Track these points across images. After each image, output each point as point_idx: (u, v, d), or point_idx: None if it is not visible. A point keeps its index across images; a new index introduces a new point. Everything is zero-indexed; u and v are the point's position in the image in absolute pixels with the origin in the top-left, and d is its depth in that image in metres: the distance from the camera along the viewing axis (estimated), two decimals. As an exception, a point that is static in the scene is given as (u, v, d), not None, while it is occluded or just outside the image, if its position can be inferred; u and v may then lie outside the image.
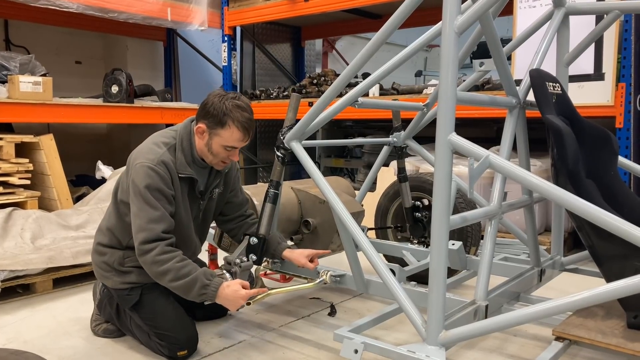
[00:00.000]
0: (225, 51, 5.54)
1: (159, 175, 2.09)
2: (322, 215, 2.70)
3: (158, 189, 2.08)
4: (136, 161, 2.13)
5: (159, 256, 2.03)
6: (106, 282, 2.30)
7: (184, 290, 2.06)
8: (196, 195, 2.29)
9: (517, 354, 2.28)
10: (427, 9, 3.14)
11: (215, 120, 2.13)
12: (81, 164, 5.18)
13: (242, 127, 2.14)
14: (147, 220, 2.06)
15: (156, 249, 2.04)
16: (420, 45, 2.07)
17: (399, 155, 3.04)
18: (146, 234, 2.04)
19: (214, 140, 2.17)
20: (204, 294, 2.05)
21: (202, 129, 2.17)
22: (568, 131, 1.91)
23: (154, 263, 2.04)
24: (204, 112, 2.17)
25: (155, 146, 2.17)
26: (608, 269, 1.89)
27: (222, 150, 2.19)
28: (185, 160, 2.19)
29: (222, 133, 2.15)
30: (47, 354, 2.21)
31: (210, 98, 2.16)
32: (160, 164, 2.11)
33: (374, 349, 1.83)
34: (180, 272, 2.03)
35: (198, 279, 2.04)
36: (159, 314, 2.23)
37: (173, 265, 2.03)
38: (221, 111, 2.12)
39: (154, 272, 2.06)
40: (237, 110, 2.13)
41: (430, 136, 2.30)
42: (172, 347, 2.17)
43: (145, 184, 2.07)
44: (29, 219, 3.44)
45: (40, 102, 4.16)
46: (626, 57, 3.30)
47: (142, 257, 2.06)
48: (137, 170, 2.10)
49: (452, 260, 2.44)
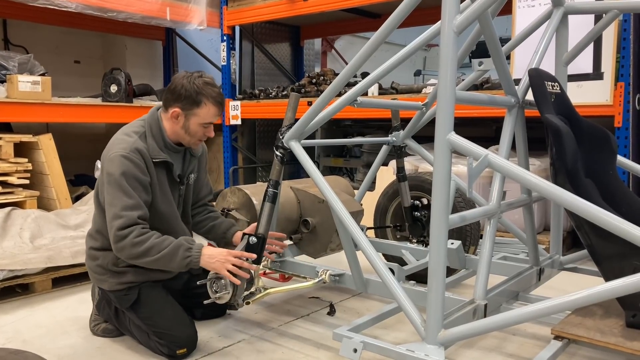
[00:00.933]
0: (224, 51, 5.54)
1: (133, 163, 2.11)
2: (321, 215, 2.70)
3: (133, 176, 2.10)
4: (109, 152, 2.15)
5: (136, 238, 2.04)
6: (103, 285, 2.29)
7: (169, 259, 2.06)
8: (175, 180, 2.31)
9: (516, 353, 2.28)
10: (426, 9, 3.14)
11: (190, 101, 2.18)
12: (80, 164, 5.17)
13: (217, 102, 2.21)
14: (122, 207, 2.06)
15: (133, 233, 2.04)
16: (419, 44, 2.07)
17: (398, 155, 3.04)
18: (122, 221, 2.04)
19: (191, 120, 2.21)
20: (188, 257, 2.07)
21: (177, 112, 2.20)
22: (567, 130, 1.91)
23: (133, 245, 2.04)
24: (174, 96, 2.20)
25: (126, 136, 2.20)
26: (607, 268, 1.90)
27: (200, 129, 2.23)
28: (157, 145, 2.22)
29: (198, 112, 2.19)
30: (46, 353, 2.21)
31: (178, 81, 2.20)
32: (134, 151, 2.13)
33: (373, 348, 1.83)
34: (161, 245, 2.05)
35: (180, 244, 2.07)
36: (158, 312, 2.24)
37: (153, 241, 2.05)
38: (194, 91, 2.16)
39: (135, 253, 2.05)
40: (207, 86, 2.19)
41: (429, 135, 2.30)
42: (171, 346, 2.18)
43: (120, 172, 2.08)
44: (28, 218, 3.44)
45: (39, 102, 4.16)
46: (625, 56, 3.30)
47: (119, 244, 2.06)
48: (111, 160, 2.12)
49: (451, 260, 2.45)
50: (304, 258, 2.73)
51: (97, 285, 2.36)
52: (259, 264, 2.26)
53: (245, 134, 6.04)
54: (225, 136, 5.60)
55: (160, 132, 2.24)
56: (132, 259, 2.10)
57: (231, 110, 5.43)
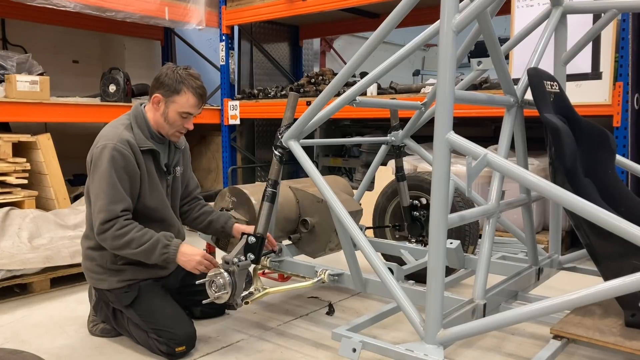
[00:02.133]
0: (223, 50, 5.53)
1: (122, 154, 2.17)
2: (320, 215, 2.70)
3: (122, 166, 2.16)
4: (96, 144, 2.20)
5: (118, 231, 2.12)
6: (101, 285, 2.29)
7: (148, 253, 2.14)
8: (162, 169, 2.35)
9: (515, 352, 2.28)
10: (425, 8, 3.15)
11: (171, 89, 2.25)
12: (78, 164, 5.11)
13: (197, 93, 2.27)
14: (108, 201, 2.13)
15: (115, 225, 2.12)
16: (418, 44, 2.07)
17: (397, 154, 3.04)
18: (105, 214, 2.12)
19: (170, 107, 2.27)
20: (165, 254, 2.16)
21: (158, 98, 2.27)
22: (566, 130, 1.91)
23: (115, 238, 2.12)
24: (158, 83, 2.28)
25: (113, 128, 2.26)
26: (606, 268, 1.90)
27: (178, 118, 2.28)
28: (143, 134, 2.28)
29: (177, 99, 2.26)
30: (44, 353, 2.20)
31: (163, 70, 2.29)
32: (123, 142, 2.19)
33: (372, 347, 1.83)
34: (142, 239, 2.13)
35: (159, 240, 2.16)
36: (157, 310, 2.24)
37: (134, 234, 2.13)
38: (175, 79, 2.24)
39: (116, 245, 2.13)
40: (190, 77, 2.26)
41: (428, 135, 2.30)
42: (170, 343, 2.18)
43: (107, 163, 2.14)
44: (26, 218, 3.43)
45: (37, 102, 4.15)
46: (624, 56, 3.30)
47: (101, 236, 2.14)
48: (99, 152, 2.16)
49: (450, 259, 2.45)
50: (303, 258, 2.73)
51: (95, 287, 2.35)
52: (258, 263, 2.26)
53: (244, 133, 6.03)
54: (224, 136, 5.59)
55: (145, 122, 2.31)
56: (114, 250, 2.18)
57: (230, 110, 5.42)
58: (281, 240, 2.81)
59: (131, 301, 2.24)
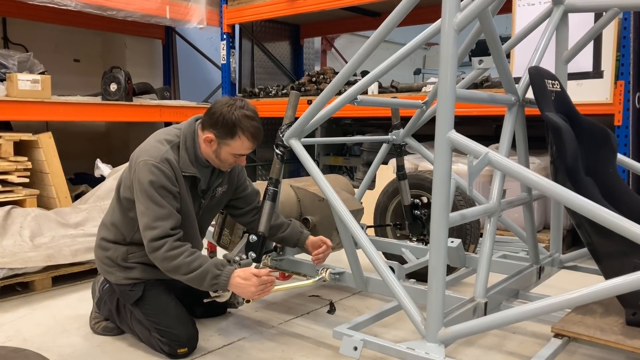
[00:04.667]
0: (224, 49, 5.53)
1: (163, 173, 2.10)
2: (321, 213, 2.70)
3: (163, 186, 2.09)
4: (139, 159, 2.13)
5: (168, 252, 2.05)
6: (109, 277, 2.30)
7: (197, 282, 2.08)
8: (198, 194, 2.30)
9: (516, 351, 2.28)
10: (426, 7, 3.14)
11: (225, 131, 2.15)
12: (80, 162, 5.17)
13: (252, 136, 2.17)
14: (155, 218, 2.07)
15: (165, 246, 2.05)
16: (420, 42, 2.07)
17: (398, 153, 3.04)
18: (155, 232, 2.06)
19: (223, 149, 2.19)
20: (215, 284, 2.08)
21: (211, 138, 2.18)
22: (567, 129, 1.91)
23: (165, 260, 2.07)
24: (212, 121, 2.16)
25: (159, 144, 2.18)
26: (607, 266, 1.90)
27: (230, 157, 2.22)
28: (189, 159, 2.20)
29: (232, 143, 2.17)
30: (46, 351, 2.21)
31: (219, 107, 2.16)
32: (164, 162, 2.12)
33: (374, 346, 1.83)
34: (190, 267, 2.05)
35: (209, 271, 2.07)
36: (161, 310, 2.24)
37: (183, 260, 2.06)
38: (231, 122, 2.13)
39: (166, 268, 2.09)
40: (246, 120, 2.14)
41: (429, 134, 2.30)
42: (172, 344, 2.18)
43: (150, 181, 2.08)
44: (28, 217, 3.44)
45: (38, 100, 4.15)
46: (625, 54, 3.30)
47: (152, 254, 2.09)
48: (141, 168, 2.11)
49: (451, 258, 2.44)
50: (304, 256, 2.73)
51: (104, 277, 2.36)
52: (259, 262, 2.26)
53: (245, 132, 6.03)
54: (225, 135, 5.59)
55: (193, 146, 2.22)
56: (164, 271, 2.12)
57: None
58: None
59: (134, 300, 2.25)
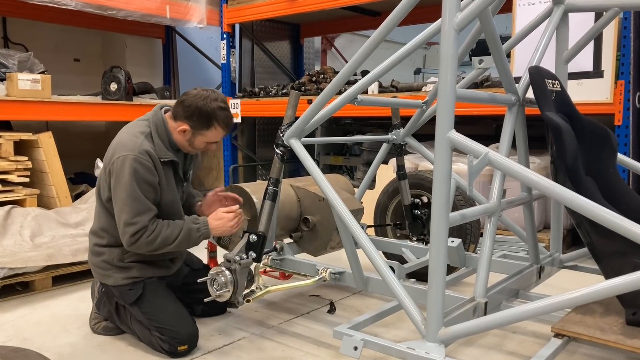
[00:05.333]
0: (224, 49, 5.53)
1: (143, 165, 2.16)
2: (321, 213, 2.70)
3: (143, 179, 2.15)
4: (116, 155, 2.17)
5: (148, 237, 2.14)
6: (107, 280, 2.30)
7: (185, 244, 2.23)
8: (180, 178, 2.37)
9: (516, 350, 2.28)
10: (426, 7, 3.15)
11: (201, 123, 2.24)
12: (80, 162, 5.16)
13: (226, 125, 2.30)
14: (134, 214, 2.14)
15: (144, 234, 2.14)
16: (420, 42, 2.06)
17: (398, 153, 3.04)
18: (134, 228, 2.13)
19: (198, 138, 2.28)
20: (200, 236, 2.24)
21: (185, 129, 2.25)
22: (567, 128, 1.91)
23: (148, 244, 2.15)
24: (187, 113, 2.24)
25: (133, 137, 2.22)
26: (607, 266, 1.90)
27: (203, 145, 2.32)
28: (163, 145, 2.27)
29: (207, 133, 2.27)
30: (46, 351, 2.21)
31: (193, 100, 2.23)
32: (143, 153, 2.17)
33: (374, 345, 1.83)
34: (173, 235, 2.18)
35: (190, 228, 2.22)
36: (161, 308, 2.25)
37: (164, 234, 2.17)
38: (207, 114, 2.22)
39: (152, 249, 2.18)
40: (221, 111, 2.25)
41: (429, 134, 2.30)
42: (172, 342, 2.18)
43: (129, 175, 2.13)
44: (28, 216, 3.44)
45: (38, 100, 4.15)
46: (625, 54, 3.30)
47: (133, 246, 2.16)
48: (120, 163, 2.15)
49: (451, 258, 2.45)
50: (304, 256, 2.73)
51: (101, 281, 2.36)
52: (259, 262, 2.26)
53: (245, 132, 6.03)
54: (225, 134, 5.59)
55: (166, 133, 2.28)
56: (151, 252, 2.21)
57: (231, 108, 5.41)
58: (282, 238, 2.81)
59: (135, 299, 2.25)
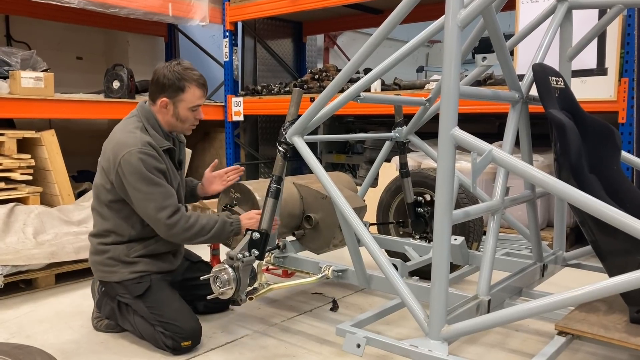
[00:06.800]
0: (227, 47, 5.52)
1: (150, 155, 2.21)
2: (324, 211, 2.70)
3: (155, 167, 2.21)
4: (120, 154, 2.20)
5: (186, 224, 2.22)
6: (112, 277, 2.31)
7: (217, 237, 2.33)
8: (176, 166, 2.42)
9: (519, 348, 2.28)
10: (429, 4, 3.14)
11: (174, 88, 2.28)
12: (83, 160, 5.17)
13: (199, 84, 2.32)
14: (162, 198, 2.20)
15: (181, 220, 2.21)
16: (423, 39, 2.06)
17: (401, 151, 3.03)
18: (168, 211, 2.19)
19: (180, 106, 2.31)
20: (232, 230, 2.34)
21: (165, 102, 2.30)
22: (571, 126, 1.90)
23: (185, 230, 2.22)
24: (159, 87, 2.30)
25: (130, 133, 2.26)
26: (611, 264, 1.89)
27: (189, 114, 2.34)
28: (158, 135, 2.32)
29: (184, 97, 2.30)
30: (49, 348, 2.21)
31: (159, 72, 2.30)
32: (146, 145, 2.22)
33: (377, 343, 1.83)
34: (208, 227, 2.27)
35: (225, 222, 2.32)
36: (165, 304, 2.27)
37: (200, 224, 2.25)
38: (176, 78, 2.27)
39: (187, 236, 2.24)
40: (188, 71, 2.29)
41: (432, 132, 2.30)
42: (176, 337, 2.20)
43: (142, 167, 2.17)
44: (31, 214, 3.44)
45: (41, 98, 4.16)
46: (629, 51, 3.28)
47: (170, 231, 2.21)
48: (128, 160, 2.17)
49: (454, 256, 2.44)
50: (307, 254, 2.73)
51: (104, 280, 2.36)
52: (262, 259, 2.26)
53: (248, 130, 6.03)
54: (227, 132, 5.59)
55: (157, 123, 2.34)
56: (184, 241, 2.31)
57: (234, 106, 5.42)
58: (285, 236, 2.81)
59: (142, 292, 2.27)
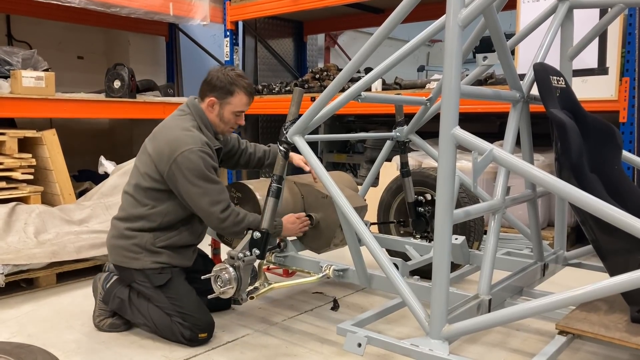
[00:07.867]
0: (227, 46, 5.53)
1: (208, 155, 2.32)
2: (325, 210, 2.70)
3: (212, 166, 2.33)
4: (179, 150, 2.28)
5: (236, 218, 2.32)
6: (134, 263, 2.34)
7: None
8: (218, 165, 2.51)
9: (520, 348, 2.28)
10: (430, 4, 3.14)
11: (224, 91, 2.39)
12: (84, 159, 5.18)
13: (248, 91, 2.44)
14: (217, 194, 2.30)
15: (232, 214, 2.30)
16: (423, 39, 2.06)
17: (402, 150, 3.03)
18: (222, 205, 2.30)
19: (225, 109, 2.42)
20: (275, 232, 2.40)
21: (213, 102, 2.41)
22: (572, 125, 1.90)
23: (235, 224, 2.31)
24: (210, 87, 2.41)
25: (188, 131, 2.36)
26: (612, 263, 1.89)
27: (232, 117, 2.44)
28: (210, 134, 2.44)
29: (232, 100, 2.41)
30: (50, 347, 2.22)
31: (213, 74, 2.42)
32: (205, 145, 2.33)
33: (377, 342, 1.83)
34: (255, 222, 2.33)
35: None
36: (185, 296, 2.33)
37: (248, 220, 2.34)
38: (227, 82, 2.39)
39: (236, 230, 2.33)
40: (240, 78, 2.42)
41: (433, 131, 2.30)
42: (194, 329, 2.26)
43: (202, 165, 2.27)
44: (32, 213, 3.45)
45: (42, 97, 4.16)
46: (630, 51, 3.28)
47: (222, 224, 2.30)
48: (187, 157, 2.27)
49: (455, 255, 2.44)
50: (308, 253, 2.73)
51: (123, 265, 2.37)
52: (263, 259, 2.27)
53: (248, 129, 6.03)
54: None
55: (209, 123, 2.44)
56: (231, 234, 2.45)
57: (234, 105, 5.41)
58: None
59: (164, 282, 2.32)
